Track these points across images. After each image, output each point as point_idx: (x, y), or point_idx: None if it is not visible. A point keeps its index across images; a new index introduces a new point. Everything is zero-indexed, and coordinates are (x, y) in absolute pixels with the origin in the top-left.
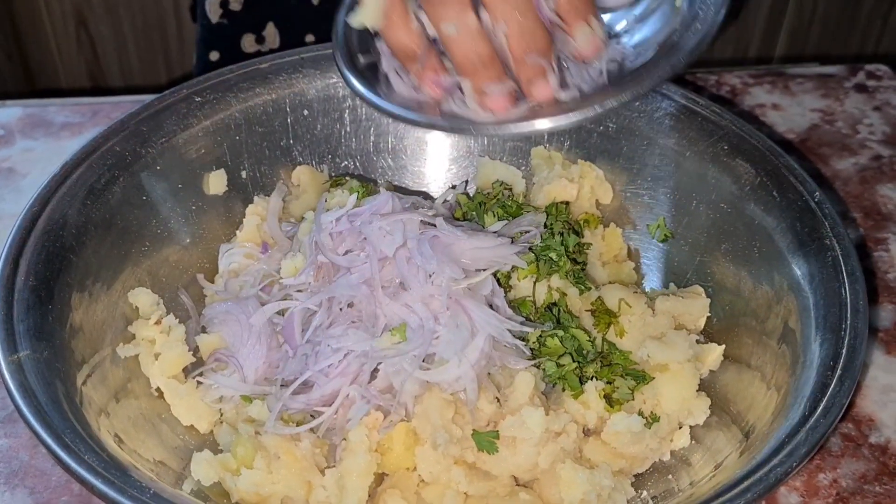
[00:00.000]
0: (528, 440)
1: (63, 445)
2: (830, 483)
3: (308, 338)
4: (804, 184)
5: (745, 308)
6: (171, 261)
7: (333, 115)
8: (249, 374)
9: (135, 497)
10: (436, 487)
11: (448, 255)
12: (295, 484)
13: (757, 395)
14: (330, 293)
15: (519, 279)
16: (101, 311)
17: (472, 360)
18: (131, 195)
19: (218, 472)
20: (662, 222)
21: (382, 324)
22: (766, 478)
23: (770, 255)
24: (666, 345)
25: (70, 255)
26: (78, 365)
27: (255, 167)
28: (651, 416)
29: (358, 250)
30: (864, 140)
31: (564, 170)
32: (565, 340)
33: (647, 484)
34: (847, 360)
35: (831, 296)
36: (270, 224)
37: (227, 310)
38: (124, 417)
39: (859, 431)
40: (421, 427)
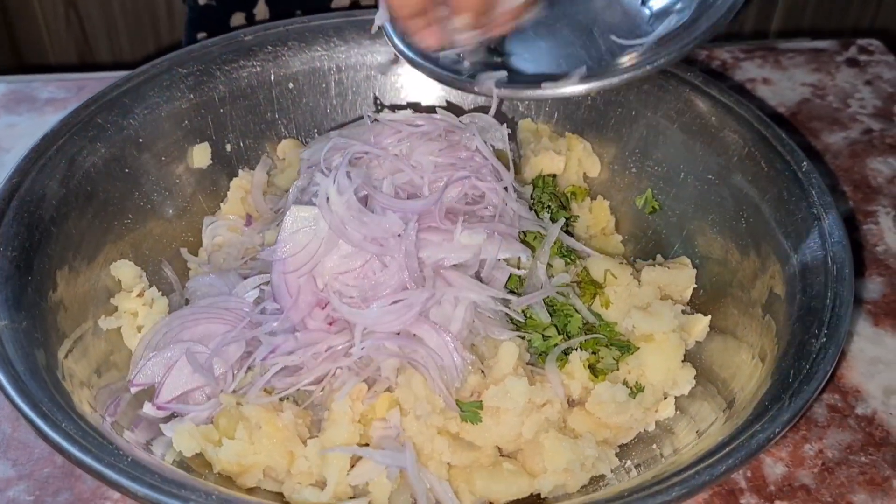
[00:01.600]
0: (511, 410)
1: (41, 414)
2: (816, 453)
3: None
4: (792, 154)
5: (731, 279)
6: (154, 234)
7: (319, 87)
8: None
9: (113, 465)
10: (419, 457)
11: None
12: (277, 454)
13: (742, 365)
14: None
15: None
16: (82, 284)
17: (455, 330)
18: (113, 167)
19: (200, 443)
20: (650, 194)
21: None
22: (748, 444)
23: (757, 226)
24: (651, 315)
25: (50, 227)
26: (59, 337)
27: (239, 140)
28: (636, 387)
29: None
30: (854, 114)
31: (552, 142)
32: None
33: (631, 454)
34: (831, 327)
35: (817, 265)
36: (255, 197)
37: (211, 283)
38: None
39: (846, 402)
40: (404, 398)
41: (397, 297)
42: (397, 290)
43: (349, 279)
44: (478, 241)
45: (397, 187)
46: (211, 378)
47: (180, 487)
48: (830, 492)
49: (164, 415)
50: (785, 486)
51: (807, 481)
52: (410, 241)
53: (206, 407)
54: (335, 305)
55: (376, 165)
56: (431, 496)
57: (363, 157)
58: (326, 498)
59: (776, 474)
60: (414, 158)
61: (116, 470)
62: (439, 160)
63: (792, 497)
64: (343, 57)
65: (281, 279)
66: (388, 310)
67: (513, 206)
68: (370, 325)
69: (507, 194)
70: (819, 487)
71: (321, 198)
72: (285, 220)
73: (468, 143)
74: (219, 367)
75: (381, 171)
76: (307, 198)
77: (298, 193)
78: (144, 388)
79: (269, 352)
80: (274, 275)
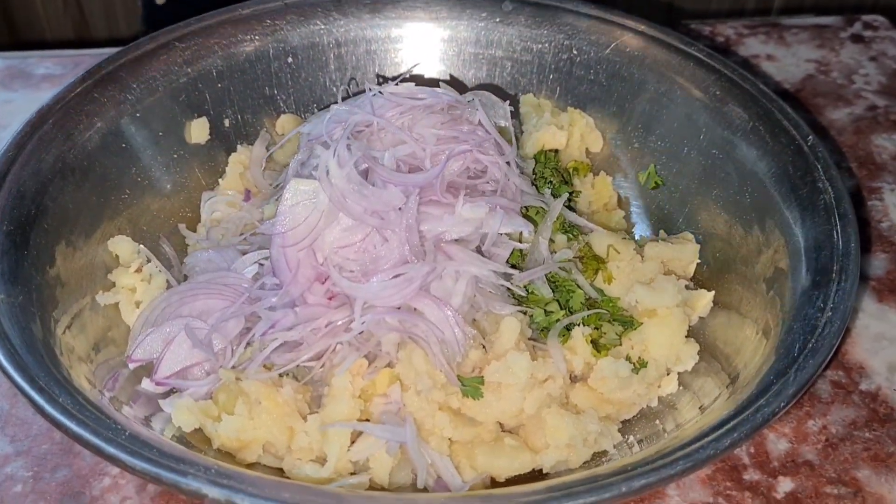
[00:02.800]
0: (513, 385)
1: (37, 388)
2: (820, 429)
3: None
4: (797, 128)
5: (735, 254)
6: (152, 209)
7: (318, 62)
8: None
9: (110, 439)
10: (420, 433)
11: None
12: (276, 430)
13: (746, 341)
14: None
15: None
16: (80, 259)
17: (456, 304)
18: (110, 142)
19: (199, 419)
20: (653, 170)
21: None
22: (752, 418)
23: (761, 200)
24: (654, 290)
25: (47, 202)
26: (57, 312)
27: (237, 115)
28: (639, 362)
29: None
30: (859, 90)
31: (554, 117)
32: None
33: (634, 430)
34: (837, 302)
35: (823, 239)
36: (254, 172)
37: (210, 258)
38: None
39: (850, 378)
40: (405, 373)
41: (398, 271)
42: (398, 263)
43: (349, 253)
44: (479, 214)
45: (398, 160)
46: (210, 353)
47: (179, 461)
48: (834, 468)
49: (162, 390)
50: (788, 462)
51: (810, 457)
52: (411, 214)
53: (206, 382)
54: (335, 279)
55: (377, 138)
56: (432, 471)
57: (364, 130)
58: (327, 474)
59: (779, 450)
60: (416, 131)
61: (114, 444)
62: (441, 133)
63: (795, 473)
64: (342, 31)
65: (280, 253)
66: (388, 284)
67: (515, 180)
68: (370, 299)
69: (510, 168)
70: (823, 463)
71: (321, 170)
72: (285, 193)
73: (471, 117)
74: (218, 342)
75: (382, 143)
76: (307, 171)
77: (298, 167)
78: (143, 364)
79: (269, 327)
80: (273, 248)
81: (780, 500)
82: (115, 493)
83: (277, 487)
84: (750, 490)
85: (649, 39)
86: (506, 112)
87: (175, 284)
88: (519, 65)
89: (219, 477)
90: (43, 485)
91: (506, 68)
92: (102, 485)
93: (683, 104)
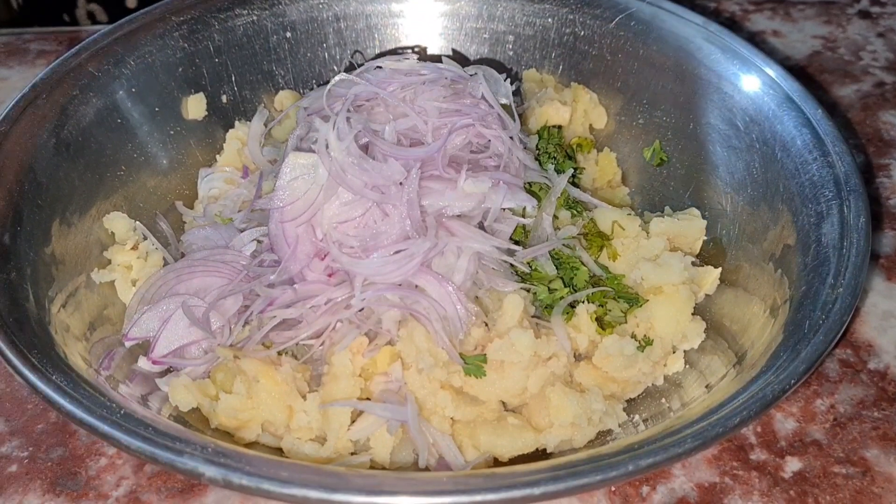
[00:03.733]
0: (516, 364)
1: (30, 366)
2: (828, 409)
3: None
4: (805, 102)
5: (742, 231)
6: (148, 186)
7: (317, 37)
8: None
9: (105, 417)
10: (422, 412)
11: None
12: (275, 409)
13: (753, 319)
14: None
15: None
16: (75, 236)
17: (458, 281)
18: (105, 117)
19: (196, 398)
20: (658, 146)
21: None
22: (762, 395)
23: (769, 176)
24: (660, 266)
25: (41, 178)
26: (52, 290)
27: (235, 91)
28: (644, 340)
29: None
30: (866, 67)
31: (557, 93)
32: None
33: (639, 408)
34: (849, 277)
35: (832, 213)
36: (251, 149)
37: (207, 236)
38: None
39: (858, 357)
40: (406, 351)
41: (399, 247)
42: (399, 239)
43: (349, 228)
44: (482, 189)
45: (399, 133)
46: (208, 332)
47: (175, 440)
48: (843, 447)
49: (159, 369)
50: (796, 442)
51: (818, 437)
52: (413, 189)
53: (203, 361)
54: (335, 256)
55: (378, 112)
56: (434, 451)
57: (365, 104)
58: (327, 453)
59: (787, 430)
60: (418, 104)
61: (109, 423)
62: (444, 106)
63: (803, 453)
64: (342, 5)
65: (279, 228)
66: (389, 260)
67: (519, 155)
68: (371, 275)
69: (513, 143)
70: (831, 443)
71: (320, 144)
72: (283, 166)
73: (473, 91)
74: (216, 320)
75: (383, 116)
76: (306, 146)
77: (297, 142)
78: (139, 343)
79: (267, 305)
80: (271, 224)
81: (787, 479)
82: (112, 473)
83: (275, 466)
84: (757, 470)
85: (655, 13)
86: (507, 90)
87: (172, 262)
88: (521, 39)
89: (215, 456)
90: (38, 465)
91: (508, 43)
92: (99, 465)
93: (690, 79)
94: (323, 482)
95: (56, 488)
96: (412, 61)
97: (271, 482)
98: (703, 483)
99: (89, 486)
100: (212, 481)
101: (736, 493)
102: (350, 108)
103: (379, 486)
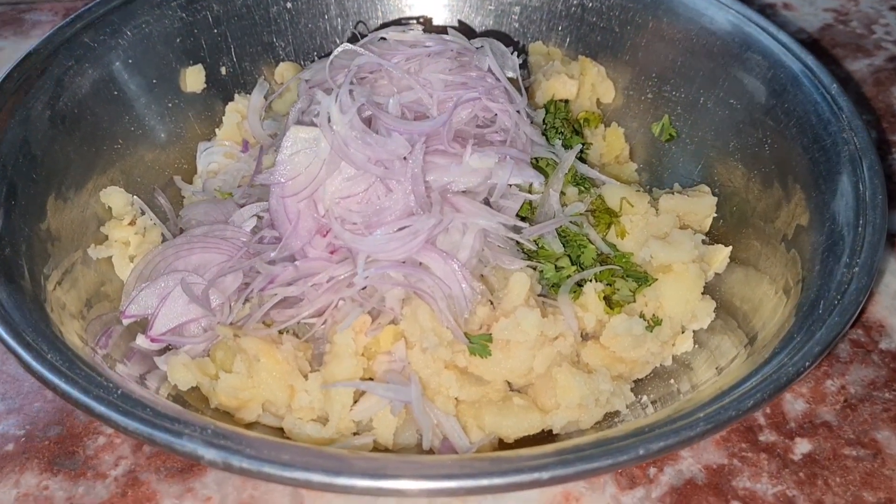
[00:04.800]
0: (522, 343)
1: (24, 345)
2: (838, 390)
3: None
4: (820, 76)
5: (753, 208)
6: (146, 160)
7: (319, 8)
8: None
9: (101, 398)
10: (425, 392)
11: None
12: (276, 388)
13: (765, 299)
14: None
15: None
16: (71, 211)
17: (463, 258)
18: (102, 89)
19: (196, 376)
20: (667, 121)
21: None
22: (776, 378)
23: (781, 153)
24: (670, 244)
25: (36, 151)
26: (47, 267)
27: (235, 63)
28: (653, 319)
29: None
30: (879, 41)
31: (564, 66)
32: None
33: (647, 389)
34: (865, 257)
35: (848, 191)
36: (251, 122)
37: (206, 211)
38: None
39: (869, 338)
40: (410, 330)
41: (402, 224)
42: (402, 215)
43: (352, 204)
44: (488, 164)
45: (404, 107)
46: (207, 309)
47: (174, 422)
48: (853, 429)
49: (158, 347)
50: (806, 423)
51: (828, 418)
52: (417, 163)
53: (203, 339)
54: (337, 232)
55: (382, 84)
56: (438, 432)
57: (368, 76)
58: (329, 434)
59: (797, 411)
60: (423, 77)
61: (105, 403)
62: (449, 79)
63: (813, 434)
64: None
65: (280, 204)
66: (392, 237)
67: (526, 129)
68: (374, 252)
69: (520, 117)
70: (841, 424)
71: (322, 117)
72: (284, 140)
73: (480, 64)
74: (215, 298)
75: (387, 88)
76: (308, 119)
77: (298, 115)
78: (137, 320)
79: (268, 282)
80: (272, 199)
81: (796, 462)
82: (110, 453)
83: (277, 449)
84: (766, 452)
85: None
86: (514, 63)
87: (170, 237)
88: (528, 11)
89: (215, 438)
90: (35, 444)
91: (514, 14)
92: (97, 444)
93: (701, 52)
94: (325, 465)
95: (54, 467)
96: (417, 32)
97: (272, 465)
98: (711, 465)
99: (87, 466)
100: (211, 464)
101: (744, 474)
102: (353, 81)
103: (382, 469)
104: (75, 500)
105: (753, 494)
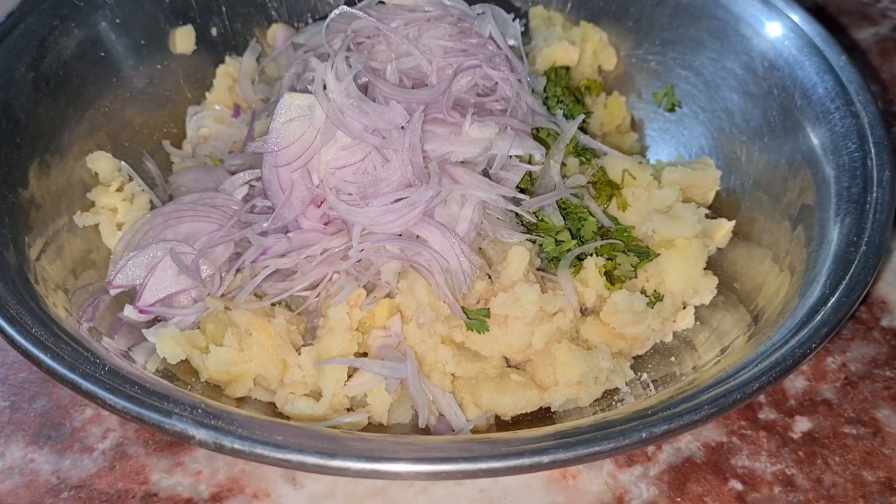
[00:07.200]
0: (521, 319)
1: (7, 318)
2: (839, 367)
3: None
4: (829, 48)
5: (757, 183)
6: (134, 124)
7: None
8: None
9: (88, 374)
10: (421, 368)
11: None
12: (268, 362)
13: (768, 275)
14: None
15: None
16: (56, 177)
17: (462, 231)
18: (88, 50)
19: (185, 350)
20: (670, 90)
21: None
22: (783, 360)
23: (788, 125)
24: (673, 218)
25: (19, 114)
26: (31, 236)
27: (226, 24)
28: (654, 295)
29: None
30: (885, 9)
31: (565, 32)
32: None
33: (647, 366)
34: (872, 234)
35: (854, 167)
36: (243, 86)
37: (196, 178)
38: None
39: (871, 314)
40: (406, 304)
41: (399, 195)
42: (400, 187)
43: (347, 174)
44: (488, 135)
45: (402, 73)
46: (197, 280)
47: (163, 399)
48: (853, 407)
49: (146, 319)
50: (806, 401)
51: (829, 396)
52: (415, 133)
53: (193, 311)
54: (332, 203)
55: (380, 49)
56: (434, 409)
57: (365, 41)
58: (322, 410)
59: (797, 388)
60: (422, 42)
61: (92, 380)
62: (449, 45)
63: (813, 412)
64: None
65: (273, 173)
66: (389, 208)
67: (527, 99)
68: (370, 224)
69: (522, 86)
70: (842, 402)
71: (317, 84)
72: (277, 108)
73: (481, 31)
74: (206, 268)
75: (385, 54)
76: (302, 85)
77: (293, 80)
78: (125, 290)
79: (260, 253)
80: (265, 168)
81: (796, 440)
82: (98, 425)
83: (270, 429)
84: (765, 429)
85: None
86: (516, 31)
87: (159, 205)
88: None
89: (206, 417)
90: (21, 415)
91: None
92: (84, 416)
93: (706, 20)
94: (320, 447)
95: (40, 440)
96: None
97: (265, 446)
98: (710, 442)
99: (74, 438)
100: (202, 444)
101: (743, 453)
102: (350, 46)
103: (379, 451)
104: (62, 474)
105: (752, 473)
